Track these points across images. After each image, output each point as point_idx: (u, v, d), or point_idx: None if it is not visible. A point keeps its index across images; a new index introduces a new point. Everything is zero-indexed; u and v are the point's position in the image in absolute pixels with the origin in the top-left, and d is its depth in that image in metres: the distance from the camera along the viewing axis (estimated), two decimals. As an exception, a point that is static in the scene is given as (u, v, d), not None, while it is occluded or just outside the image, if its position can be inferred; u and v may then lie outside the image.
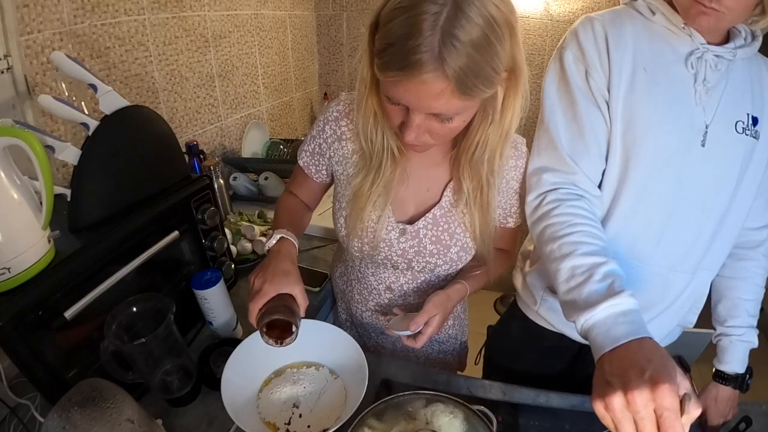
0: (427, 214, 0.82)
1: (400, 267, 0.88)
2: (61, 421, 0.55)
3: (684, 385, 0.50)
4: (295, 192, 0.98)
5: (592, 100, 0.73)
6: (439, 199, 0.82)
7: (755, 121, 0.72)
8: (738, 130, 0.72)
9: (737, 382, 0.83)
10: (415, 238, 0.83)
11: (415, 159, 0.81)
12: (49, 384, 0.69)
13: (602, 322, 0.57)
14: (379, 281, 0.93)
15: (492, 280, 0.93)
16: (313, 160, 0.90)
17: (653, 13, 0.71)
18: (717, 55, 0.69)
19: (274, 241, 0.77)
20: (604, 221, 0.78)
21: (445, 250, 0.83)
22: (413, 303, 0.93)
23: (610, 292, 0.58)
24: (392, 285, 0.92)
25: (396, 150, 0.76)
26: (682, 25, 0.69)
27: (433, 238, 0.83)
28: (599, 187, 0.77)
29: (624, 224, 0.77)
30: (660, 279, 0.80)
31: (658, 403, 0.48)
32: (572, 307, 0.61)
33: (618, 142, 0.73)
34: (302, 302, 0.70)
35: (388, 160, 0.77)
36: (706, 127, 0.71)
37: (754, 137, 0.72)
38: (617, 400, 0.50)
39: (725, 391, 0.83)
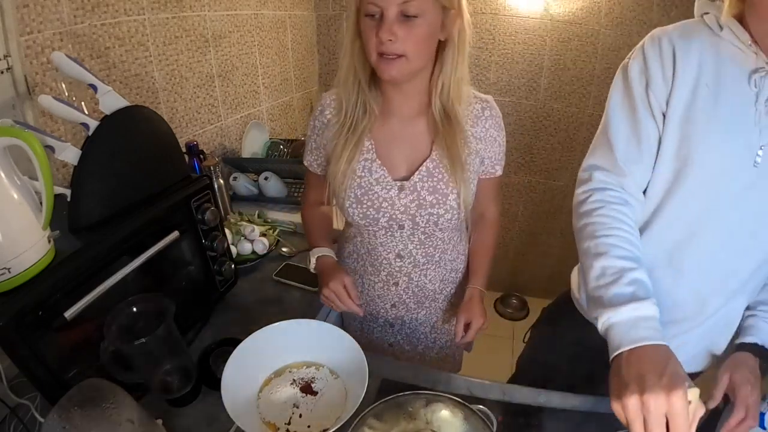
0: (420, 168, 0.89)
1: (406, 226, 0.93)
2: (61, 421, 0.55)
3: (693, 392, 0.53)
4: (309, 195, 1.08)
5: (650, 111, 0.74)
6: (430, 153, 0.90)
7: None
8: None
9: (761, 354, 0.75)
10: (414, 192, 0.90)
11: (399, 122, 0.91)
12: (49, 384, 0.69)
13: (623, 323, 0.60)
14: (389, 250, 0.97)
15: (488, 241, 1.04)
16: (314, 156, 1.00)
17: (721, 28, 0.69)
18: None
19: (314, 263, 0.96)
20: (645, 225, 0.79)
21: (444, 199, 0.90)
22: (427, 271, 1.01)
23: (635, 297, 0.61)
24: (401, 252, 0.97)
25: (369, 104, 0.88)
26: (749, 43, 0.67)
27: (431, 189, 0.89)
28: (645, 191, 0.78)
29: (665, 232, 0.77)
30: (694, 295, 0.79)
31: (671, 408, 0.52)
32: (597, 304, 0.65)
33: (671, 153, 0.73)
34: (352, 288, 0.90)
35: (361, 115, 0.89)
36: (760, 148, 0.69)
37: None
38: (633, 402, 0.53)
39: (746, 357, 0.76)
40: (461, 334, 0.91)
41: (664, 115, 0.73)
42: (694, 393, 0.54)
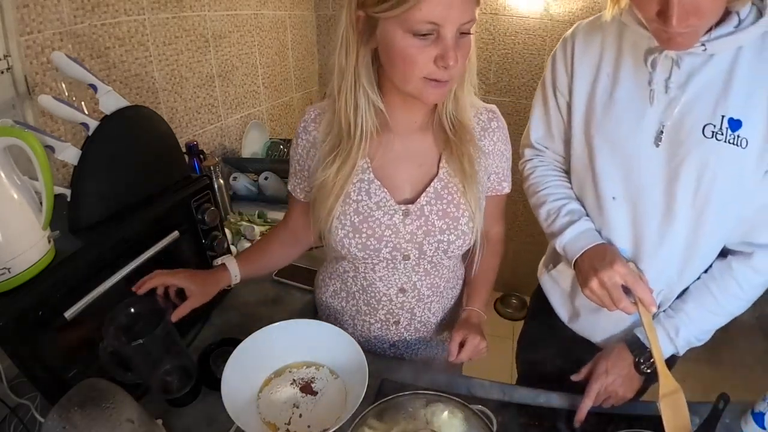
0: (427, 189, 0.79)
1: (412, 256, 0.81)
2: (61, 421, 0.55)
3: (630, 264, 0.76)
4: (288, 220, 0.96)
5: (557, 107, 0.85)
6: (437, 172, 0.80)
7: (736, 125, 0.64)
8: (706, 134, 0.65)
9: (638, 354, 0.78)
10: (421, 216, 0.79)
11: (399, 139, 0.79)
12: (49, 384, 0.69)
13: (570, 241, 0.81)
14: (389, 285, 0.86)
15: (490, 264, 0.94)
16: (297, 180, 0.88)
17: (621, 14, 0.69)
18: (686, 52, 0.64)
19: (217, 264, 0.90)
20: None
21: (455, 223, 0.79)
22: (431, 304, 0.90)
23: (571, 221, 0.82)
24: (404, 286, 0.86)
25: (375, 128, 0.76)
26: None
27: (440, 213, 0.79)
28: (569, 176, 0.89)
29: (593, 216, 0.83)
30: None
31: (618, 272, 0.71)
32: (551, 236, 0.86)
33: (580, 142, 0.80)
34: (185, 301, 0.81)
35: (361, 134, 0.75)
36: (662, 127, 0.68)
37: (732, 143, 0.64)
38: (594, 283, 0.73)
39: (624, 354, 0.79)
40: (455, 353, 0.79)
41: (569, 107, 0.81)
42: (632, 265, 0.76)
